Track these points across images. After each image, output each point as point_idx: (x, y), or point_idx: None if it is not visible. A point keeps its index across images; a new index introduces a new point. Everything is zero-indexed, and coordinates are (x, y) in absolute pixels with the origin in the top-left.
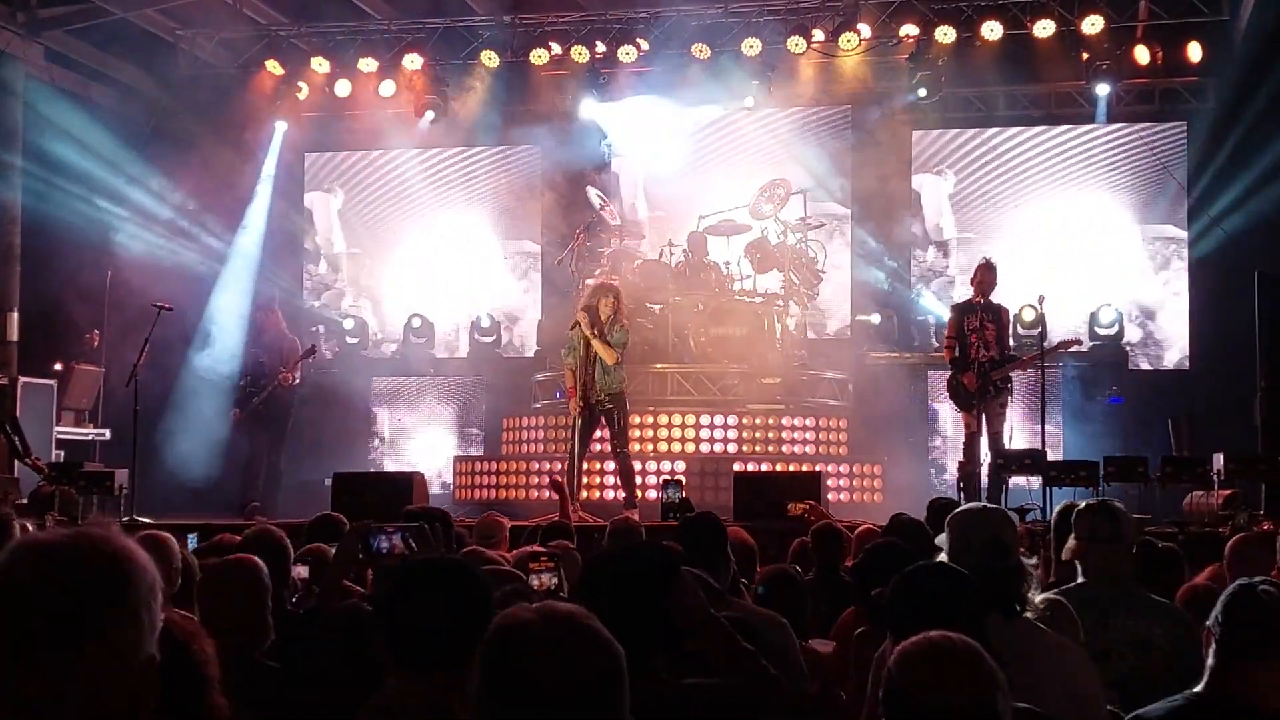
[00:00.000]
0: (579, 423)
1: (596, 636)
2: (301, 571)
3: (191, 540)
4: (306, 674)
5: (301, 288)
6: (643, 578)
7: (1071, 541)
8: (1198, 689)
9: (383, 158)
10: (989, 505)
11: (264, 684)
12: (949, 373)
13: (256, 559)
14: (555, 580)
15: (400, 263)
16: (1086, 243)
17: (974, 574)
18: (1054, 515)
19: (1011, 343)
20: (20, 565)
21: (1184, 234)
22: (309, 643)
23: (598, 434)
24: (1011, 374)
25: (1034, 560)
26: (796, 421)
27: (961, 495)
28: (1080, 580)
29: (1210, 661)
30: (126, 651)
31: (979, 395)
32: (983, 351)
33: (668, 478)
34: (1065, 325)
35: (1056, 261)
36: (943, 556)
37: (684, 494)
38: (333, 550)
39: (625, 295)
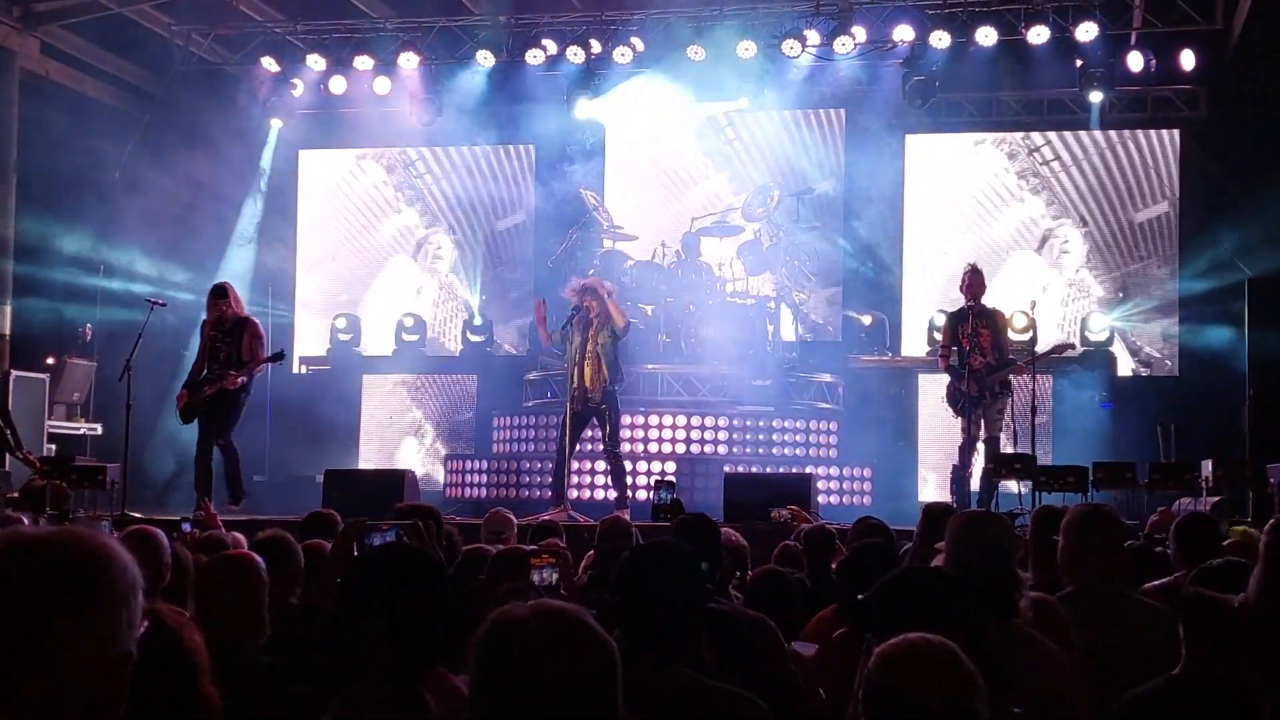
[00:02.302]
0: (568, 421)
1: (591, 633)
2: None
3: (185, 527)
4: (302, 670)
5: (294, 282)
6: (690, 573)
7: (1064, 546)
8: (1175, 670)
9: (375, 156)
10: (990, 511)
11: (259, 679)
12: (941, 377)
13: (254, 555)
14: (555, 576)
15: (391, 261)
16: (1077, 248)
17: (972, 578)
18: (1038, 519)
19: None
20: (2, 554)
21: (1175, 240)
22: (304, 639)
23: (588, 433)
24: (1009, 379)
25: (1026, 574)
26: (787, 424)
27: (954, 500)
28: (1071, 587)
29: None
30: (101, 646)
31: (974, 401)
32: (978, 357)
33: (659, 479)
34: (1056, 331)
35: (1047, 267)
36: (940, 559)
37: (675, 495)
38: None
39: (616, 292)
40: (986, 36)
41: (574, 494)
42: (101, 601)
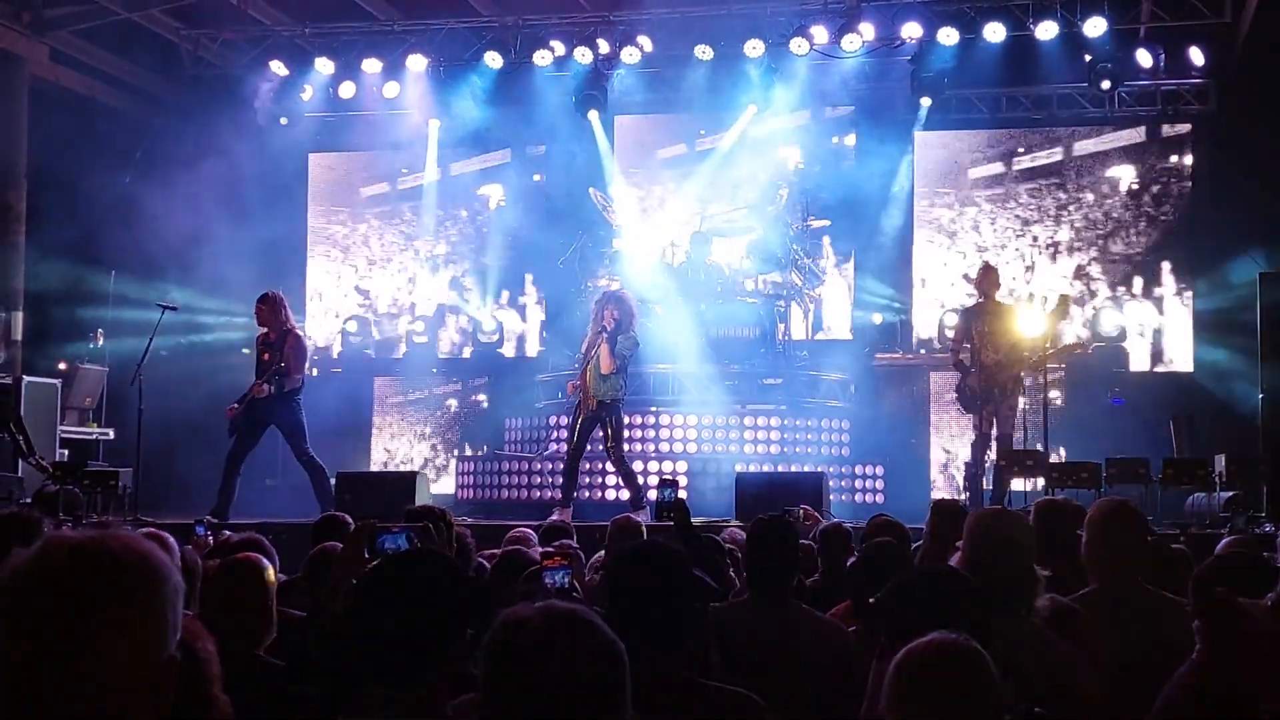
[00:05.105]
0: (581, 421)
1: (598, 634)
2: None
3: (200, 530)
4: (310, 672)
5: (304, 285)
6: (676, 576)
7: (1088, 541)
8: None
9: (384, 158)
10: (1007, 508)
11: (267, 682)
12: (951, 374)
13: (262, 559)
14: (569, 580)
15: (402, 263)
16: (1088, 244)
17: (986, 574)
18: (1041, 514)
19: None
20: (51, 558)
21: (1186, 233)
22: (314, 641)
23: (598, 433)
24: (1022, 375)
25: (1048, 572)
26: (798, 422)
27: (966, 497)
28: (1095, 583)
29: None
30: (149, 649)
31: (985, 397)
32: (990, 354)
33: (666, 477)
34: (1070, 327)
35: (1059, 264)
36: (956, 558)
37: (680, 494)
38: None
39: (634, 302)
40: (995, 33)
41: (584, 494)
42: (148, 606)
